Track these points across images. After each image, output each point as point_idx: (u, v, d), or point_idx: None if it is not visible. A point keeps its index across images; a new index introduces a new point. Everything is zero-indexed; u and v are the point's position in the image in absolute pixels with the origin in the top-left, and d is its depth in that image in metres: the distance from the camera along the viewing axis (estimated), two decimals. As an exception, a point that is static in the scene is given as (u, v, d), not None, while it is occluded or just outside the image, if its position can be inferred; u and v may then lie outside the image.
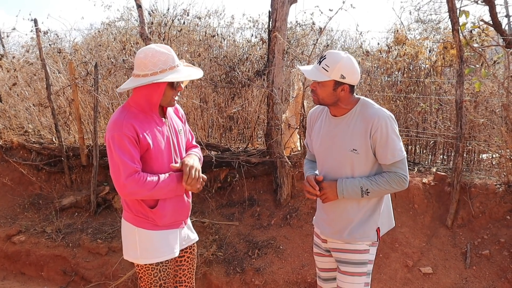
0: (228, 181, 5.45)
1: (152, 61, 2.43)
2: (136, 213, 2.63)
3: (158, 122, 2.60)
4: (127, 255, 2.75)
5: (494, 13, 4.35)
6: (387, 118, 2.49)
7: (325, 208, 2.76)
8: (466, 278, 4.15)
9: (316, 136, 2.75)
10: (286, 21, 5.04)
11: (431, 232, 4.60)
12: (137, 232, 2.64)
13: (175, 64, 2.50)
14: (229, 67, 5.90)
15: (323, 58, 2.48)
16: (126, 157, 2.41)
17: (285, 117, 5.30)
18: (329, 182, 2.60)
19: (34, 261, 5.13)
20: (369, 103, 2.59)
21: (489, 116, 5.06)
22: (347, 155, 2.56)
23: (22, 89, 7.22)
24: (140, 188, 2.43)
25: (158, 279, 2.69)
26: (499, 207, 4.53)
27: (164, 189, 2.52)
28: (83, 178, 6.19)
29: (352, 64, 2.46)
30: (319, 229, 2.86)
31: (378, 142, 2.49)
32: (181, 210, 2.75)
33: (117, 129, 2.41)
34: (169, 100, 2.57)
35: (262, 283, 4.40)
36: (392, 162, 2.53)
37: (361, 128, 2.52)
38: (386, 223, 2.79)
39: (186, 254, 2.94)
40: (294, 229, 4.88)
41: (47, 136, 6.79)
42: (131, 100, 2.57)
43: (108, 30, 7.63)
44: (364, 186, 2.53)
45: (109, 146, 2.45)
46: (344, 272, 2.70)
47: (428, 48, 6.19)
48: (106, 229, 5.30)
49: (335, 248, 2.75)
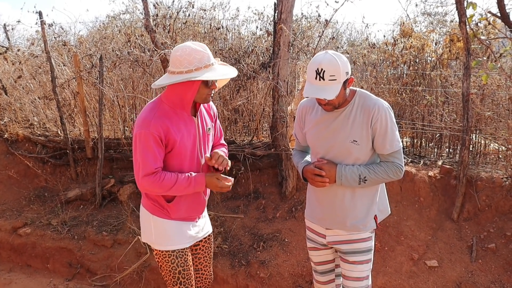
0: (233, 174, 5.45)
1: (187, 59, 2.43)
2: (153, 202, 2.71)
3: (187, 121, 2.62)
4: (144, 238, 2.83)
5: (502, 4, 4.29)
6: (387, 109, 2.53)
7: (320, 199, 2.78)
8: (471, 272, 4.13)
9: (312, 129, 2.74)
10: (291, 13, 5.01)
11: (437, 225, 4.58)
12: (152, 219, 2.73)
13: (210, 63, 2.49)
14: (234, 59, 5.87)
15: (322, 71, 2.39)
16: (149, 156, 2.46)
17: (290, 110, 5.28)
18: (329, 165, 2.60)
19: (40, 254, 5.15)
20: (367, 94, 2.61)
21: (496, 109, 5.03)
22: (348, 147, 2.58)
23: (27, 82, 7.23)
24: (156, 188, 2.51)
25: (176, 266, 2.74)
26: (506, 200, 4.50)
27: (181, 190, 2.57)
28: (88, 170, 6.20)
29: (342, 57, 2.45)
30: (315, 222, 2.86)
31: (378, 132, 2.52)
32: (197, 206, 2.81)
33: (144, 127, 2.45)
34: (204, 97, 2.57)
35: (267, 276, 4.40)
36: (390, 152, 2.57)
37: (362, 119, 2.54)
38: (384, 211, 2.83)
39: (201, 243, 2.98)
40: (299, 222, 4.88)
41: (53, 129, 6.81)
42: (164, 96, 2.59)
43: (113, 23, 7.61)
44: (362, 174, 2.56)
45: (135, 142, 2.50)
46: (353, 262, 2.73)
47: (434, 41, 6.15)
48: (112, 221, 5.31)
49: (339, 240, 2.76)
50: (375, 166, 2.60)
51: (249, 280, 4.43)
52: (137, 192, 5.69)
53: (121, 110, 6.25)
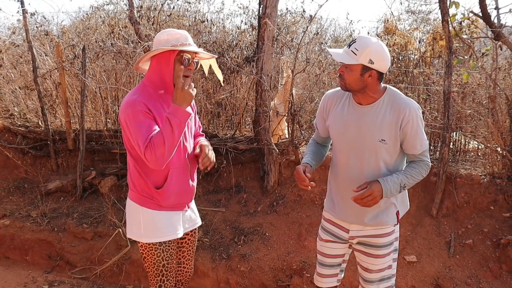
0: (215, 167, 5.44)
1: (165, 38, 2.51)
2: (141, 193, 2.66)
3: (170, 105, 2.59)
4: (130, 234, 2.77)
5: (484, 4, 4.35)
6: (417, 110, 2.52)
7: (342, 194, 2.76)
8: (449, 267, 4.20)
9: (337, 123, 2.71)
10: (276, 8, 5.01)
11: (416, 221, 4.64)
12: (141, 212, 2.68)
13: (187, 43, 2.53)
14: (218, 53, 5.86)
15: (353, 41, 2.45)
16: (142, 130, 2.39)
17: (273, 104, 5.29)
18: (373, 186, 2.49)
19: (18, 245, 5.09)
20: (397, 93, 2.58)
21: (476, 108, 5.10)
22: (375, 145, 2.55)
23: (8, 72, 7.12)
24: (155, 152, 2.37)
25: (161, 259, 2.73)
26: (483, 197, 4.58)
27: (171, 132, 2.38)
28: (69, 162, 6.15)
29: (382, 50, 2.43)
30: (338, 216, 2.82)
31: (409, 134, 2.51)
32: (185, 193, 2.78)
33: (130, 107, 2.42)
34: (179, 76, 2.48)
35: (247, 270, 4.42)
36: (421, 152, 2.57)
37: (391, 119, 2.51)
38: (405, 206, 2.83)
39: (187, 236, 2.97)
40: (280, 216, 4.90)
41: (33, 119, 6.72)
42: (146, 79, 2.60)
43: (96, 14, 7.54)
44: (402, 182, 2.54)
45: (125, 125, 2.45)
46: (377, 256, 2.74)
47: (418, 39, 6.20)
48: (92, 214, 5.27)
49: (363, 235, 2.75)
50: (410, 170, 2.59)
51: (230, 274, 4.44)
52: (118, 185, 5.66)
53: (103, 102, 6.20)
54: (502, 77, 5.12)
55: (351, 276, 4.17)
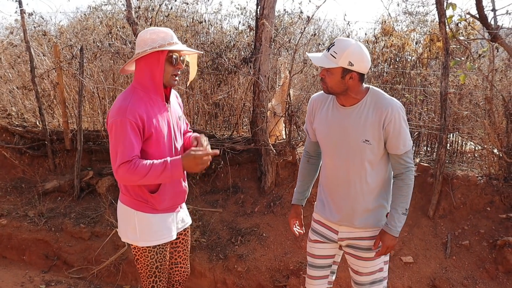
0: (213, 168, 5.45)
1: (151, 38, 2.49)
2: (135, 197, 2.65)
3: (161, 107, 2.61)
4: (125, 238, 2.77)
5: (481, 6, 4.36)
6: (400, 109, 2.51)
7: (333, 195, 2.77)
8: (446, 268, 4.21)
9: (322, 125, 2.71)
10: (274, 8, 5.02)
11: (413, 222, 4.64)
12: (136, 216, 2.67)
13: (174, 41, 2.53)
14: (215, 53, 5.87)
15: (332, 45, 2.46)
16: (126, 144, 2.41)
17: (271, 105, 5.30)
18: (384, 239, 2.62)
19: (16, 245, 5.09)
20: (379, 93, 2.58)
21: (473, 109, 5.11)
22: (359, 146, 2.55)
23: (5, 72, 7.12)
24: (133, 175, 2.43)
25: (154, 261, 2.73)
26: (480, 198, 4.59)
27: (157, 175, 2.45)
28: (66, 162, 6.15)
29: (361, 51, 2.43)
30: (327, 217, 2.82)
31: (391, 133, 2.51)
32: (179, 194, 2.78)
33: (120, 115, 2.42)
34: (169, 78, 2.57)
35: (244, 270, 4.42)
36: (403, 152, 2.56)
37: (374, 119, 2.51)
38: None
39: (181, 236, 2.97)
40: (277, 217, 4.91)
41: (31, 119, 6.72)
42: (135, 81, 2.59)
43: (94, 14, 7.54)
44: (402, 209, 2.60)
45: (111, 131, 2.45)
46: (366, 259, 2.74)
47: (415, 40, 6.22)
48: (89, 213, 5.28)
49: (353, 237, 2.75)
50: (401, 190, 2.61)
51: (227, 274, 4.45)
52: (116, 185, 5.65)
53: (101, 102, 6.20)
54: (499, 78, 5.14)
55: (347, 277, 4.17)
